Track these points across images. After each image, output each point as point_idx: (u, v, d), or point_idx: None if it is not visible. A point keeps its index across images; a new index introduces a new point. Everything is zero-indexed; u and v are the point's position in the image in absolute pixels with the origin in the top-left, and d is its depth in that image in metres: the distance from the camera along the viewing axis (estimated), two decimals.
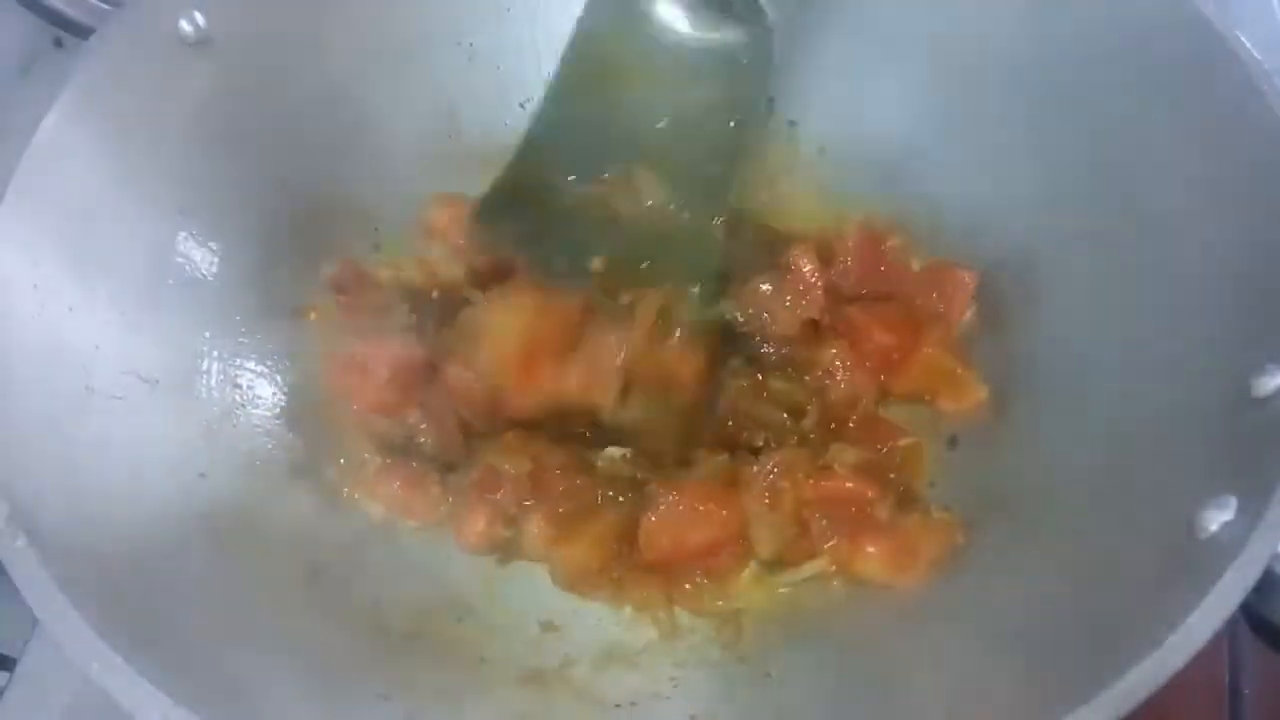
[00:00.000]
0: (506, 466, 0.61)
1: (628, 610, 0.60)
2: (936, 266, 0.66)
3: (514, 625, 0.60)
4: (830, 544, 0.58)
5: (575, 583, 0.60)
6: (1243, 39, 0.51)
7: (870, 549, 0.57)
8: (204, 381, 0.61)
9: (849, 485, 0.58)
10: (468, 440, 0.63)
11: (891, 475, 0.61)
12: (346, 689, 0.52)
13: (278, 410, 0.64)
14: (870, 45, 0.68)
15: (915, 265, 0.67)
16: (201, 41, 0.59)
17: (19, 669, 0.65)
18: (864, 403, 0.63)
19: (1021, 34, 0.61)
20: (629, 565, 0.60)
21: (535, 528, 0.60)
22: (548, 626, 0.60)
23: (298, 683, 0.50)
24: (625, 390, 0.61)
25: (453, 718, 0.53)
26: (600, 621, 0.60)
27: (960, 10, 0.64)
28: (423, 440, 0.64)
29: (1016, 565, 0.53)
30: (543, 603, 0.61)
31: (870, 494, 0.58)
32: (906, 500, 0.61)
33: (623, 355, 0.60)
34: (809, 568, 0.59)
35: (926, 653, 0.53)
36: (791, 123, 0.72)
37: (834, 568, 0.58)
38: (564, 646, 0.59)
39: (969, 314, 0.64)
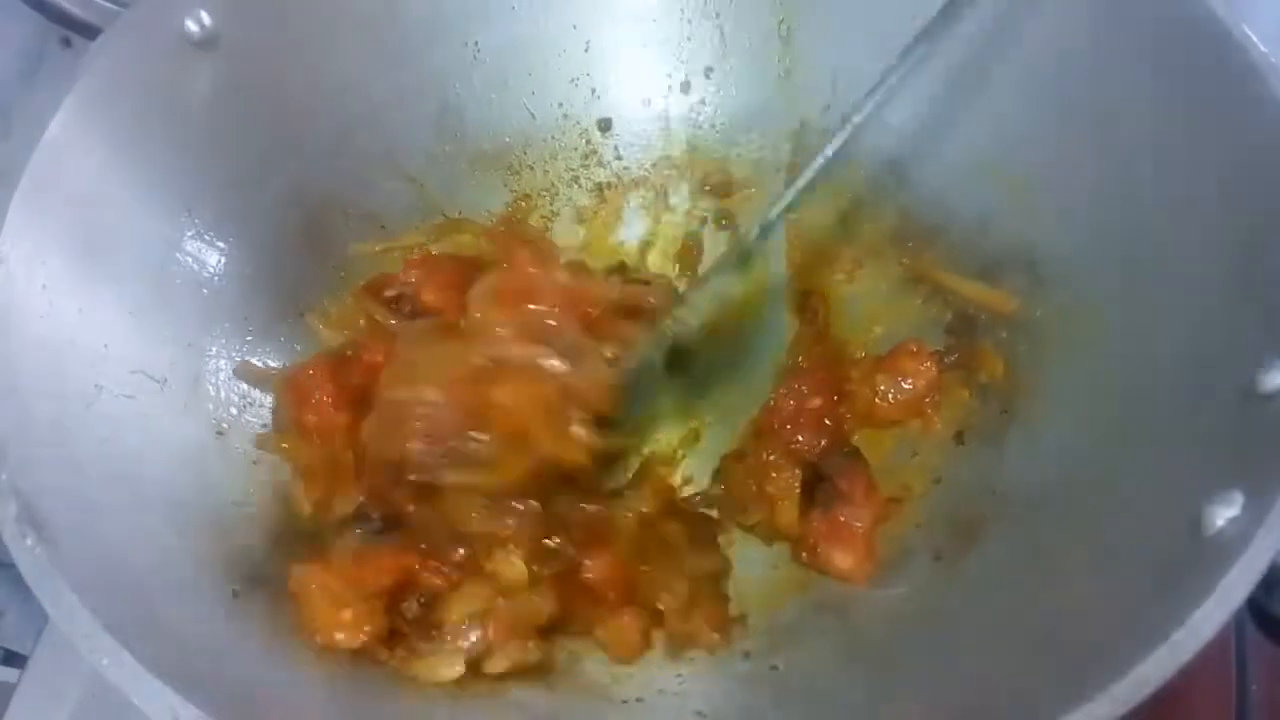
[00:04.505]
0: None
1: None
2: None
3: None
4: None
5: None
6: (1249, 32, 0.51)
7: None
8: (212, 380, 0.61)
9: None
10: None
11: None
12: (351, 686, 0.52)
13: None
14: (878, 46, 0.68)
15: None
16: (208, 41, 0.59)
17: (30, 666, 0.66)
18: None
19: (1026, 29, 0.61)
20: None
21: None
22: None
23: (303, 681, 0.51)
24: None
25: (461, 713, 0.53)
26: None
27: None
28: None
29: (1022, 561, 0.53)
30: None
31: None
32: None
33: None
34: None
35: (934, 647, 0.53)
36: (802, 124, 0.73)
37: None
38: (571, 643, 0.59)
39: None
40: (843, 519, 0.60)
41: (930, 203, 0.68)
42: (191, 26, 0.58)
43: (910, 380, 0.64)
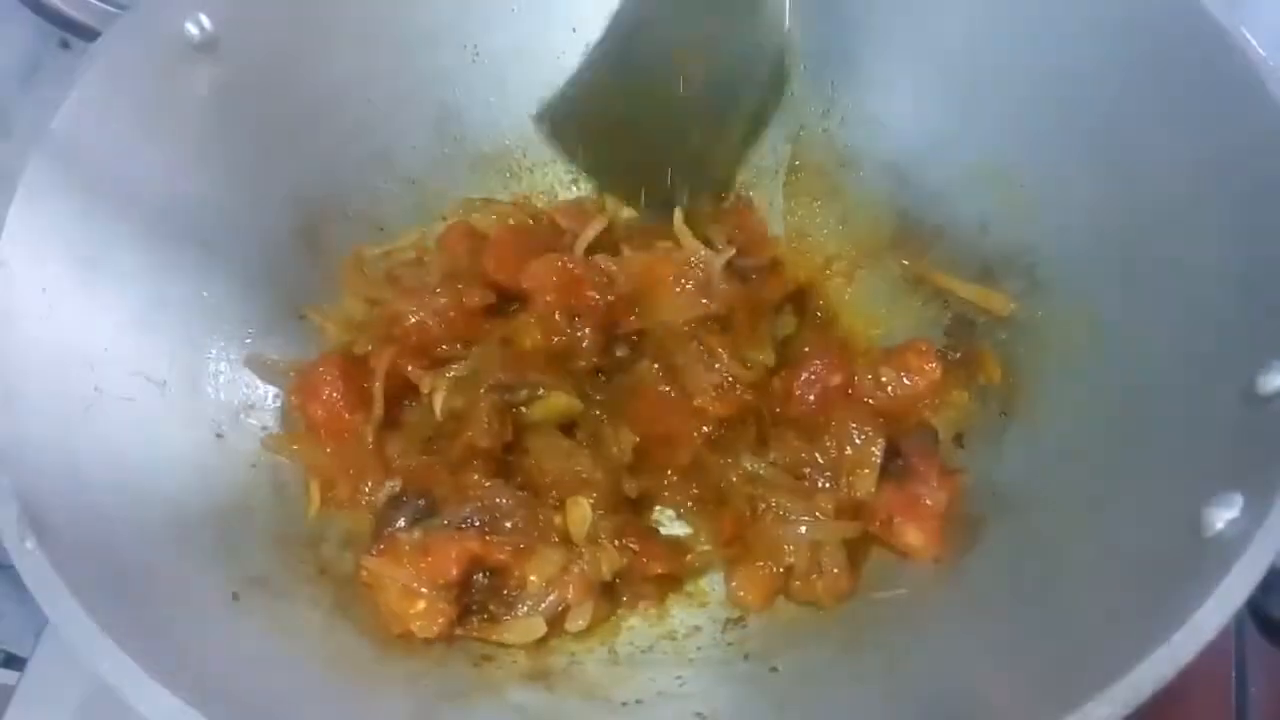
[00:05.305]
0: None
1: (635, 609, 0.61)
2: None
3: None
4: None
5: None
6: (1248, 36, 0.51)
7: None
8: (212, 383, 0.61)
9: None
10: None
11: None
12: (354, 687, 0.52)
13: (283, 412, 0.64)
14: (882, 47, 0.68)
15: None
16: (207, 44, 0.59)
17: (29, 668, 0.66)
18: None
19: (1028, 33, 0.61)
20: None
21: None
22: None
23: (305, 681, 0.51)
24: None
25: (460, 716, 0.53)
26: (607, 620, 0.61)
27: (968, 8, 0.64)
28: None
29: (1023, 562, 0.53)
30: None
31: None
32: None
33: None
34: None
35: (933, 649, 0.53)
36: (801, 127, 0.73)
37: None
38: (571, 645, 0.59)
39: None
40: (920, 495, 0.59)
41: (930, 205, 0.68)
42: (191, 29, 0.58)
43: (914, 377, 0.63)
